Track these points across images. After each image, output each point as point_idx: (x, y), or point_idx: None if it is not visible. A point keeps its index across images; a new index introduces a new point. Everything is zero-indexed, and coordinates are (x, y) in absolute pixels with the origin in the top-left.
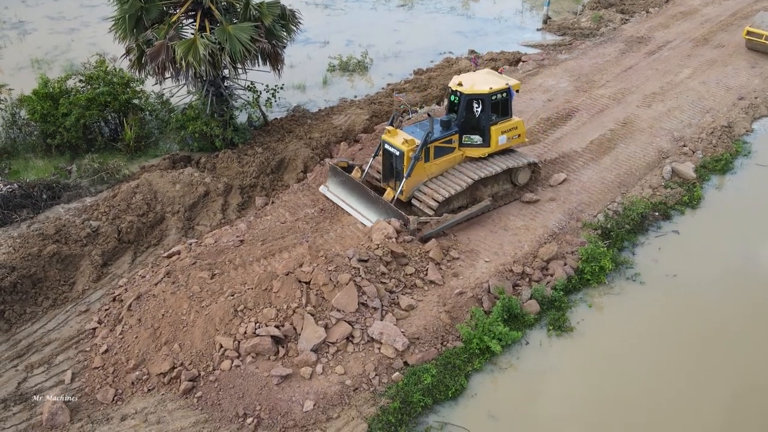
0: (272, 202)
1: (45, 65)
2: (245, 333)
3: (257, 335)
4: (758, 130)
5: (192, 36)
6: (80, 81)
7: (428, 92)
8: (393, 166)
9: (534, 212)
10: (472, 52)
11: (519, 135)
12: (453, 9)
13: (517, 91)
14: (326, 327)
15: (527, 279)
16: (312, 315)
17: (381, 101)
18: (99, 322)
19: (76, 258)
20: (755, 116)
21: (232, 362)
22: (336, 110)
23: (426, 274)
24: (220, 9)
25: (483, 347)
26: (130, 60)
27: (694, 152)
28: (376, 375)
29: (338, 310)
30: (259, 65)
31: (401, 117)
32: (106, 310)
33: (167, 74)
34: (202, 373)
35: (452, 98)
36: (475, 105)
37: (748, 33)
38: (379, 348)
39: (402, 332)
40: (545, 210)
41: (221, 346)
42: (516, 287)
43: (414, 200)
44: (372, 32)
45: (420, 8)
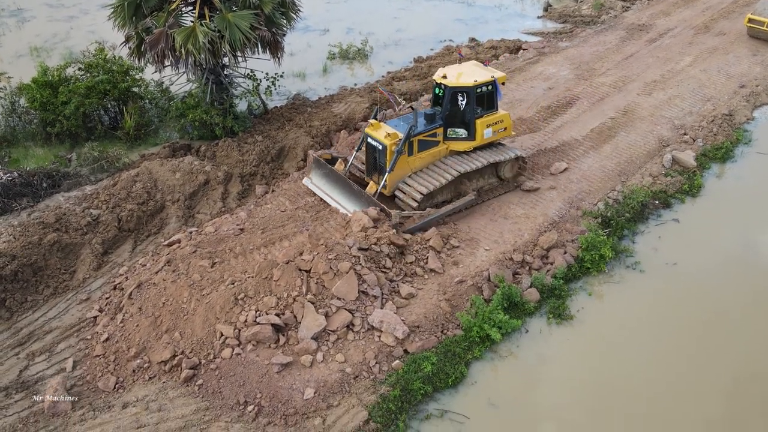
0: (272, 191)
1: (44, 53)
2: (246, 321)
3: (258, 323)
4: (759, 119)
5: (191, 24)
6: (79, 69)
7: (428, 80)
8: (376, 160)
9: (534, 201)
10: (473, 40)
11: (505, 128)
12: None
13: (503, 84)
14: (326, 315)
15: (527, 267)
16: (312, 303)
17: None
18: (100, 311)
19: (77, 246)
20: (756, 104)
21: (233, 350)
22: (336, 98)
23: (426, 263)
24: None
25: (483, 335)
26: (130, 48)
27: (695, 140)
28: (377, 363)
29: (338, 299)
30: (259, 53)
31: (384, 110)
32: (107, 299)
33: (167, 62)
34: (203, 361)
35: (437, 91)
36: (460, 98)
37: (750, 20)
38: (380, 336)
39: (402, 320)
40: (545, 198)
41: (222, 335)
42: (516, 275)
43: (397, 194)
44: (372, 20)
45: None
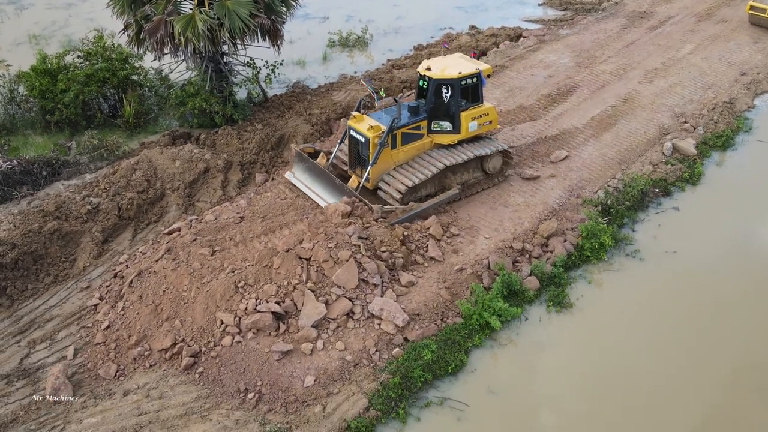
0: (272, 179)
1: (43, 41)
2: (246, 309)
3: (258, 311)
4: (760, 106)
5: (191, 11)
6: (78, 57)
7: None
8: (359, 153)
9: (534, 189)
10: (473, 28)
11: (491, 121)
12: None
13: (489, 76)
14: (327, 303)
15: (527, 255)
16: (312, 291)
17: (381, 77)
18: (100, 299)
19: (77, 234)
20: (757, 92)
21: (233, 338)
22: (336, 86)
23: (426, 251)
24: None
25: (483, 323)
26: (129, 36)
27: (695, 128)
28: (377, 351)
29: (338, 287)
30: (259, 41)
31: (367, 102)
32: (108, 287)
33: (166, 50)
34: (204, 349)
35: (421, 83)
36: (444, 90)
37: (751, 8)
38: (380, 324)
39: (402, 308)
40: (545, 186)
41: (222, 322)
42: (516, 264)
43: (380, 187)
44: (372, 7)
45: None
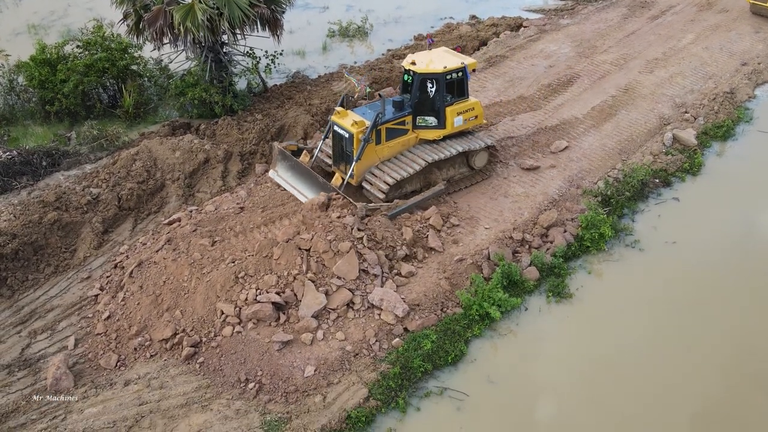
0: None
1: (42, 31)
2: (246, 299)
3: (258, 301)
4: (761, 97)
5: (190, 1)
6: (78, 47)
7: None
8: (343, 149)
9: (534, 179)
10: (473, 17)
11: (476, 116)
12: None
13: (474, 71)
14: (327, 294)
15: (527, 246)
16: (312, 282)
17: (381, 67)
18: (101, 289)
19: (77, 225)
20: (758, 82)
21: (234, 328)
22: (336, 76)
23: (426, 241)
24: None
25: (482, 313)
26: (128, 25)
27: (696, 119)
28: (377, 341)
29: (339, 278)
30: (258, 31)
31: (353, 96)
32: (108, 277)
33: (165, 40)
34: (204, 339)
35: (405, 78)
36: (429, 85)
37: None
38: (380, 314)
39: (402, 299)
40: (545, 177)
41: (222, 313)
42: (516, 254)
43: (365, 184)
44: None
45: None
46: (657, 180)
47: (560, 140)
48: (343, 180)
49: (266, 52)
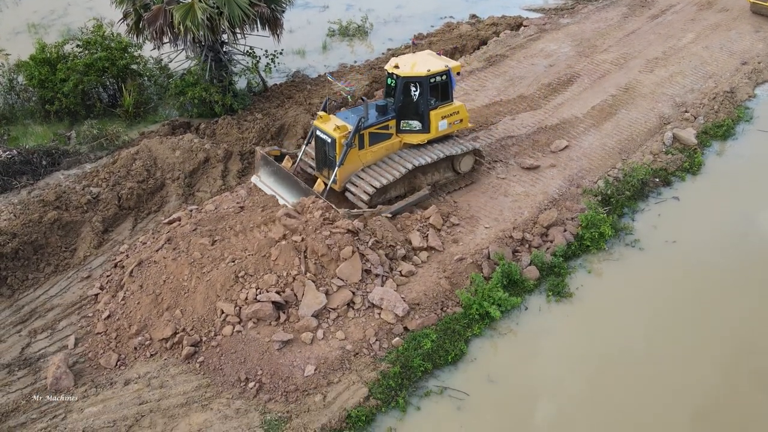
0: None
1: (42, 30)
2: (246, 299)
3: (258, 301)
4: (761, 96)
5: (190, 0)
6: (78, 46)
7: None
8: (326, 154)
9: (534, 178)
10: (473, 17)
11: (461, 120)
12: None
13: (458, 74)
14: (327, 293)
15: (527, 245)
16: (313, 281)
17: (381, 66)
18: (101, 288)
19: (77, 224)
20: (758, 81)
21: (234, 327)
22: (336, 76)
23: (426, 240)
24: None
25: (482, 313)
26: (128, 25)
27: (696, 118)
28: (377, 340)
29: (340, 279)
30: (258, 30)
31: (335, 101)
32: (108, 277)
33: (165, 39)
34: (204, 339)
35: (389, 81)
36: (413, 88)
37: None
38: (380, 313)
39: (402, 298)
40: (545, 176)
41: (222, 312)
42: (516, 253)
43: (348, 188)
44: None
45: None
46: (657, 179)
47: (560, 139)
48: (326, 185)
49: (266, 52)
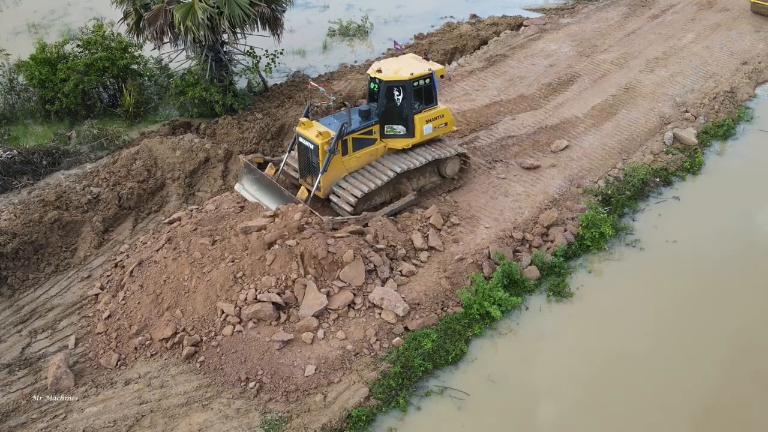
0: None
1: (42, 30)
2: (246, 299)
3: (259, 301)
4: (761, 96)
5: (190, 0)
6: (78, 46)
7: (429, 57)
8: (309, 161)
9: (534, 178)
10: (473, 16)
11: (446, 123)
12: None
13: (442, 77)
14: (328, 295)
15: (527, 245)
16: (314, 282)
17: None
18: (101, 288)
19: (78, 224)
20: (759, 81)
21: (234, 327)
22: (336, 75)
23: (426, 240)
24: None
25: (483, 312)
26: (128, 25)
27: (696, 118)
28: (377, 340)
29: (342, 281)
30: (259, 30)
31: (317, 105)
32: (108, 276)
33: (165, 39)
34: (204, 338)
35: (372, 86)
36: (396, 93)
37: None
38: (380, 313)
39: (402, 298)
40: (546, 176)
41: (222, 312)
42: (516, 253)
43: (332, 197)
44: None
45: None
46: (657, 179)
47: (561, 139)
48: (309, 192)
49: (266, 51)
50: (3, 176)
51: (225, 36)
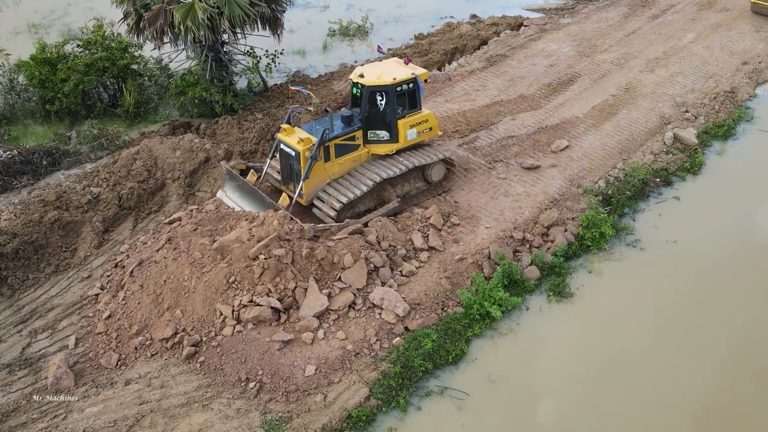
0: None
1: (42, 30)
2: (241, 303)
3: (258, 305)
4: (761, 96)
5: (190, 0)
6: (78, 46)
7: (429, 57)
8: (291, 168)
9: (535, 178)
10: (474, 17)
11: (431, 128)
12: None
13: (426, 81)
14: (329, 296)
15: (528, 245)
16: (316, 281)
17: None
18: (101, 288)
19: (78, 224)
20: (759, 81)
21: (234, 328)
22: (336, 76)
23: (427, 240)
24: None
25: (483, 313)
26: (128, 25)
27: (697, 118)
28: (377, 340)
29: (343, 282)
30: (259, 30)
31: (299, 111)
32: (108, 276)
33: (166, 39)
34: (204, 339)
35: (354, 91)
36: (379, 98)
37: None
38: (380, 313)
39: (403, 298)
40: (546, 176)
41: (221, 314)
42: (516, 253)
43: (315, 203)
44: None
45: None
46: (658, 179)
47: (561, 139)
48: (291, 199)
49: (267, 51)
50: (3, 176)
51: (225, 36)
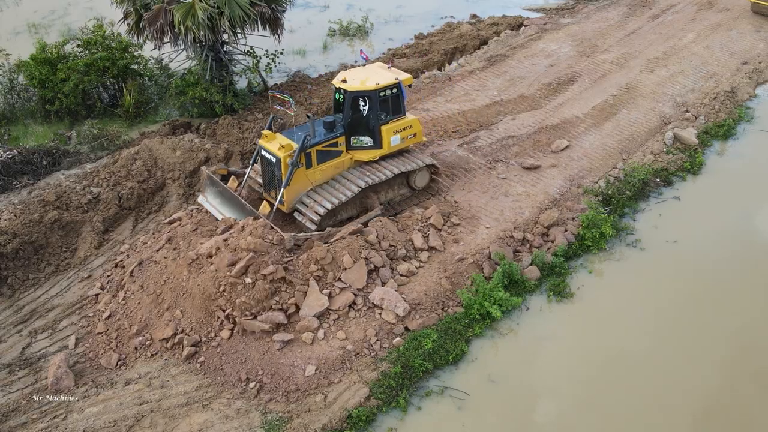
0: None
1: (42, 30)
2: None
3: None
4: (762, 96)
5: (190, 0)
6: (78, 46)
7: (429, 57)
8: (272, 174)
9: (535, 178)
10: (474, 16)
11: (415, 134)
12: None
13: (410, 86)
14: (330, 296)
15: (528, 245)
16: (317, 281)
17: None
18: (101, 288)
19: (78, 224)
20: (759, 81)
21: (232, 330)
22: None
23: (427, 240)
24: None
25: (483, 313)
26: (128, 24)
27: (697, 118)
28: (377, 340)
29: (343, 282)
30: (259, 30)
31: (281, 118)
32: (108, 277)
33: (166, 39)
34: (204, 339)
35: (337, 96)
36: (362, 103)
37: None
38: (380, 313)
39: (403, 298)
40: (546, 176)
41: (218, 317)
42: (516, 253)
43: (297, 210)
44: None
45: None
46: (658, 179)
47: (561, 139)
48: (272, 207)
49: (267, 51)
50: (3, 176)
51: (225, 36)
